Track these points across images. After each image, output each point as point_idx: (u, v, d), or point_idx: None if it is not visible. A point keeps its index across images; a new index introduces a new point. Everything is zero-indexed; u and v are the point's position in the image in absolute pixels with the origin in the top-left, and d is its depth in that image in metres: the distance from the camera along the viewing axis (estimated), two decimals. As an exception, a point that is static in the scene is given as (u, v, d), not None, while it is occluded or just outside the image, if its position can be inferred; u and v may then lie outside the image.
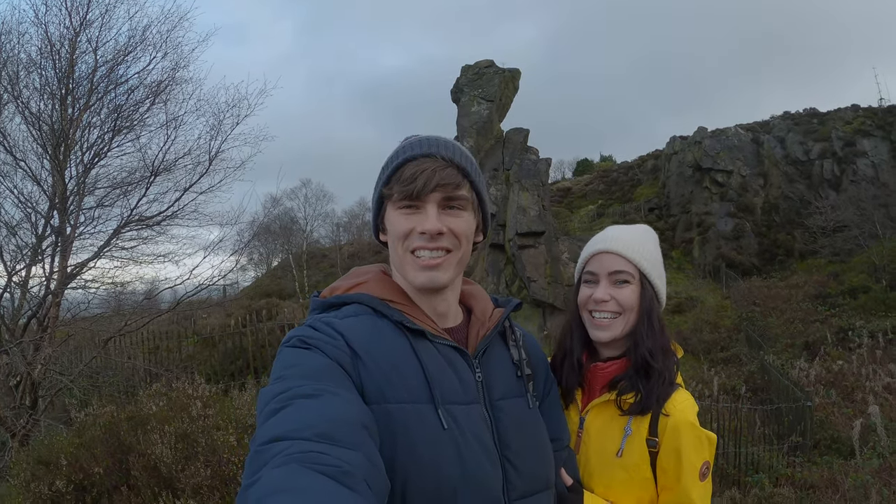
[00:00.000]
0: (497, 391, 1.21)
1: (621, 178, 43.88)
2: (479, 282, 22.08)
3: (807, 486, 7.16)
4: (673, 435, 1.43)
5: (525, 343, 1.33)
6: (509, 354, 1.28)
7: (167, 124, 8.65)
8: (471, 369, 1.18)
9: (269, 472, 0.78)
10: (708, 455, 1.46)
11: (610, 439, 1.48)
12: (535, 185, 22.84)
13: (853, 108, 34.83)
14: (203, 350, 12.79)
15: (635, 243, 1.55)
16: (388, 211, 1.21)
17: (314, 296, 1.28)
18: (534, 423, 1.25)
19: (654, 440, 1.44)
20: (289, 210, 43.53)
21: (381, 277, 1.26)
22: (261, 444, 0.84)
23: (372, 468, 0.85)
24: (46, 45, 7.88)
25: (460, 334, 1.25)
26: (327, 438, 0.84)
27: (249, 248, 29.03)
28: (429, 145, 1.19)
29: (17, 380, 7.22)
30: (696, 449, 1.43)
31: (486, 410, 1.17)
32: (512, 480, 1.14)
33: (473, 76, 25.40)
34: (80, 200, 8.12)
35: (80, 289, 8.39)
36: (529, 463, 1.18)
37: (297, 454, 0.80)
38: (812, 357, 14.48)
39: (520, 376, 1.27)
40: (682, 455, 1.42)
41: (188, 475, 4.24)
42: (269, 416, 0.91)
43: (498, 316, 1.30)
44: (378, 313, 1.17)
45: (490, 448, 1.13)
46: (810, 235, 27.63)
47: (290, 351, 1.08)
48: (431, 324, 1.19)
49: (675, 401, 1.46)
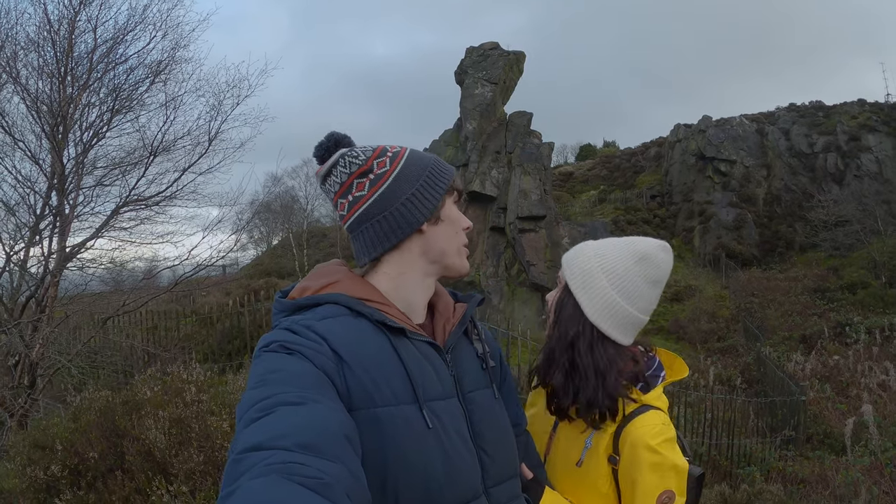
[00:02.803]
0: (468, 384, 1.24)
1: (624, 165, 43.63)
2: (479, 264, 22.13)
3: (797, 480, 7.22)
4: (628, 456, 1.39)
5: (484, 336, 1.38)
6: (473, 348, 1.32)
7: (166, 104, 8.59)
8: (445, 363, 1.21)
9: (247, 483, 0.76)
10: (673, 484, 1.37)
11: (574, 448, 1.49)
12: (537, 169, 22.75)
13: (860, 103, 34.45)
14: (201, 330, 12.84)
15: (572, 256, 1.56)
16: (448, 205, 1.30)
17: (279, 296, 1.25)
18: (500, 413, 1.30)
19: (615, 457, 1.42)
20: (290, 189, 43.43)
21: (353, 276, 1.25)
22: (240, 453, 0.82)
23: (353, 481, 0.84)
24: (45, 25, 7.79)
25: (427, 330, 1.27)
26: (309, 449, 0.82)
27: (249, 227, 29.04)
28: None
29: (16, 359, 7.25)
30: (655, 475, 1.36)
31: (461, 403, 1.20)
32: (487, 469, 1.18)
33: (478, 58, 25.17)
34: (79, 180, 8.09)
35: (79, 269, 8.40)
36: (501, 451, 1.23)
37: (276, 465, 0.78)
38: (808, 351, 14.51)
39: (484, 368, 1.31)
40: (635, 479, 1.37)
41: (181, 460, 4.25)
42: (248, 423, 0.89)
43: (462, 311, 1.33)
44: (356, 313, 1.15)
45: (467, 440, 1.17)
46: (811, 228, 27.52)
47: (271, 356, 1.04)
48: (407, 321, 1.20)
49: (640, 420, 1.41)
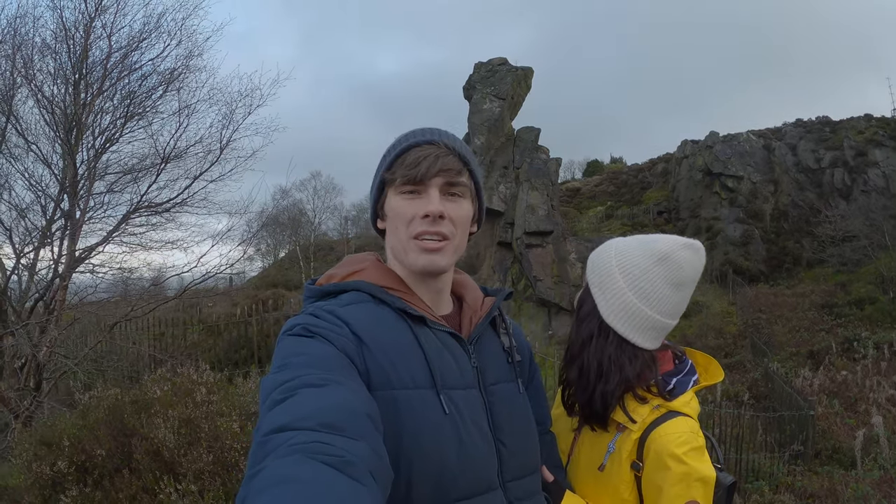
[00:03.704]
0: (491, 376, 1.23)
1: (631, 181, 43.65)
2: (486, 280, 22.11)
3: (806, 494, 7.14)
4: (652, 464, 1.35)
5: (513, 331, 1.36)
6: (500, 342, 1.31)
7: (179, 112, 8.72)
8: (467, 355, 1.20)
9: (272, 463, 0.77)
10: (698, 494, 1.31)
11: (597, 452, 1.47)
12: (544, 185, 22.77)
13: (866, 118, 34.45)
14: (208, 338, 12.86)
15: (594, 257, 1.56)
16: (390, 196, 1.22)
17: (309, 283, 1.28)
18: (523, 408, 1.28)
19: (639, 464, 1.38)
20: (297, 202, 43.60)
21: (379, 265, 1.27)
22: (265, 435, 0.83)
23: (376, 459, 0.85)
24: (61, 30, 7.94)
25: (453, 321, 1.27)
26: (332, 429, 0.83)
27: (257, 239, 29.12)
28: (431, 134, 1.22)
29: (23, 361, 7.28)
30: (680, 485, 1.31)
31: (482, 395, 1.19)
32: (506, 462, 1.17)
33: (486, 73, 25.29)
34: (91, 185, 8.18)
35: (88, 273, 8.47)
36: (521, 446, 1.22)
37: (301, 444, 0.79)
38: (816, 366, 14.36)
39: (510, 362, 1.30)
40: (660, 487, 1.33)
41: (190, 460, 4.24)
42: (272, 406, 0.90)
43: (489, 304, 1.33)
44: (378, 300, 1.17)
45: (486, 431, 1.16)
46: (819, 244, 27.39)
47: (293, 339, 1.07)
48: (429, 310, 1.21)
49: (665, 427, 1.37)
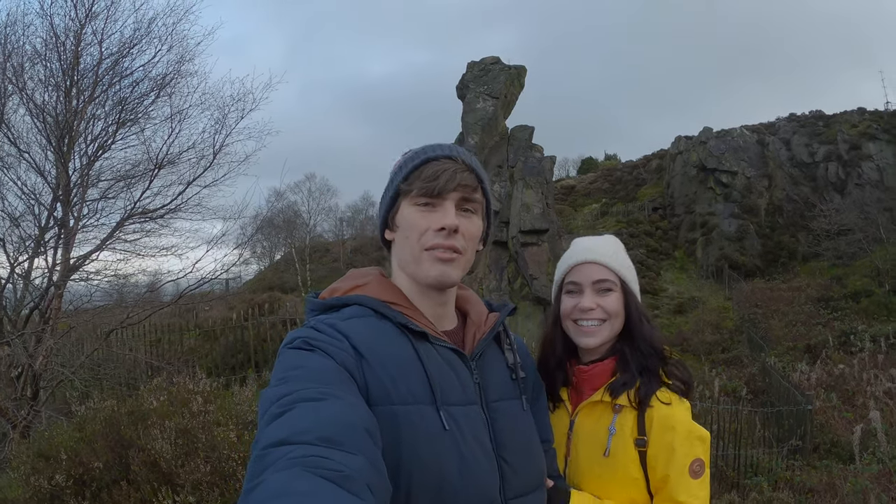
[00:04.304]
0: (493, 393, 1.23)
1: (625, 177, 43.79)
2: (482, 279, 22.12)
3: (805, 489, 7.15)
4: (659, 430, 1.43)
5: (518, 347, 1.36)
6: (504, 358, 1.31)
7: (172, 117, 8.68)
8: (469, 371, 1.20)
9: (271, 476, 0.77)
10: (700, 452, 1.43)
11: (598, 439, 1.50)
12: (539, 183, 22.78)
13: (859, 112, 34.66)
14: (204, 343, 12.85)
15: (613, 253, 1.62)
16: (403, 207, 1.22)
17: (311, 296, 1.28)
18: (527, 425, 1.28)
19: (642, 439, 1.45)
20: (292, 204, 43.67)
21: (382, 280, 1.27)
22: (263, 448, 0.84)
23: (374, 473, 0.85)
24: (51, 37, 7.89)
25: (457, 337, 1.27)
26: (331, 443, 0.84)
27: (253, 242, 29.09)
28: (450, 149, 1.24)
29: (19, 371, 7.24)
30: (686, 444, 1.42)
31: (484, 412, 1.19)
32: (508, 480, 1.16)
33: (479, 72, 25.27)
34: (84, 192, 8.14)
35: (83, 281, 8.42)
36: (524, 463, 1.21)
37: (299, 458, 0.79)
38: (813, 360, 14.44)
39: (514, 379, 1.29)
40: (670, 448, 1.42)
41: (188, 471, 4.23)
42: (271, 420, 0.90)
43: (493, 320, 1.32)
44: (380, 315, 1.18)
45: (488, 448, 1.15)
46: (814, 238, 27.56)
47: (293, 353, 1.07)
48: (431, 326, 1.20)
49: (660, 396, 1.48)
